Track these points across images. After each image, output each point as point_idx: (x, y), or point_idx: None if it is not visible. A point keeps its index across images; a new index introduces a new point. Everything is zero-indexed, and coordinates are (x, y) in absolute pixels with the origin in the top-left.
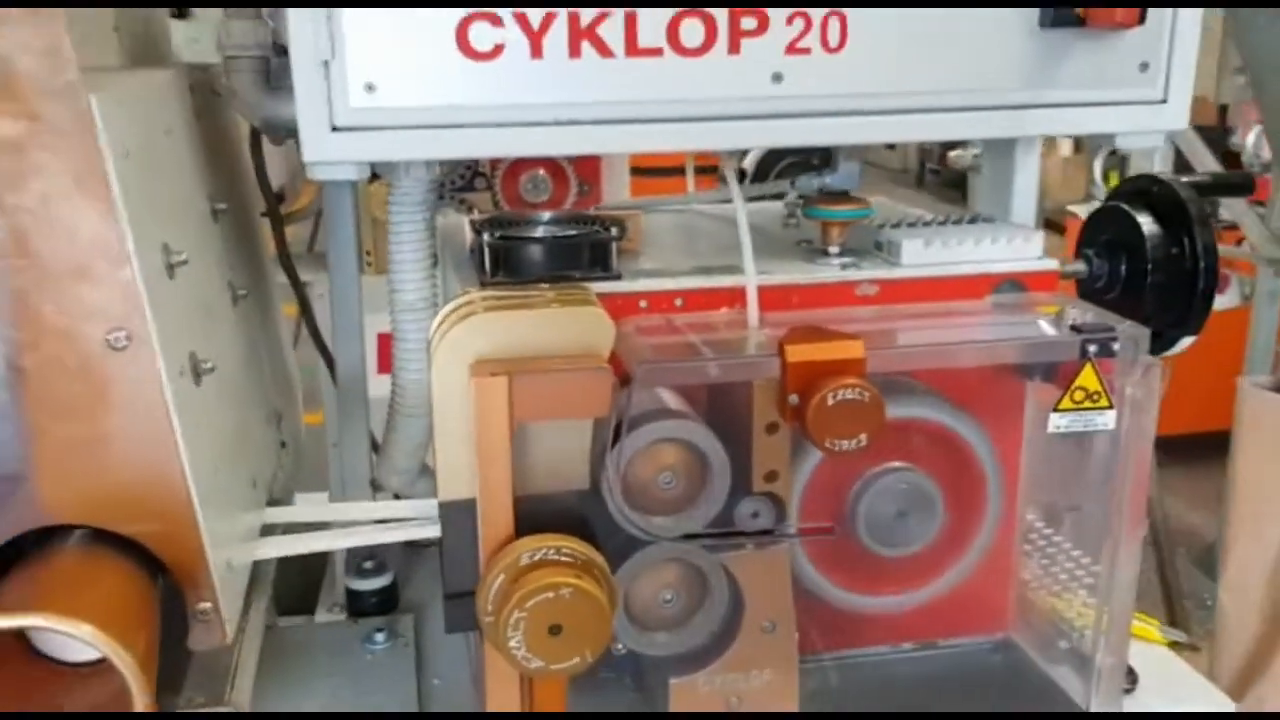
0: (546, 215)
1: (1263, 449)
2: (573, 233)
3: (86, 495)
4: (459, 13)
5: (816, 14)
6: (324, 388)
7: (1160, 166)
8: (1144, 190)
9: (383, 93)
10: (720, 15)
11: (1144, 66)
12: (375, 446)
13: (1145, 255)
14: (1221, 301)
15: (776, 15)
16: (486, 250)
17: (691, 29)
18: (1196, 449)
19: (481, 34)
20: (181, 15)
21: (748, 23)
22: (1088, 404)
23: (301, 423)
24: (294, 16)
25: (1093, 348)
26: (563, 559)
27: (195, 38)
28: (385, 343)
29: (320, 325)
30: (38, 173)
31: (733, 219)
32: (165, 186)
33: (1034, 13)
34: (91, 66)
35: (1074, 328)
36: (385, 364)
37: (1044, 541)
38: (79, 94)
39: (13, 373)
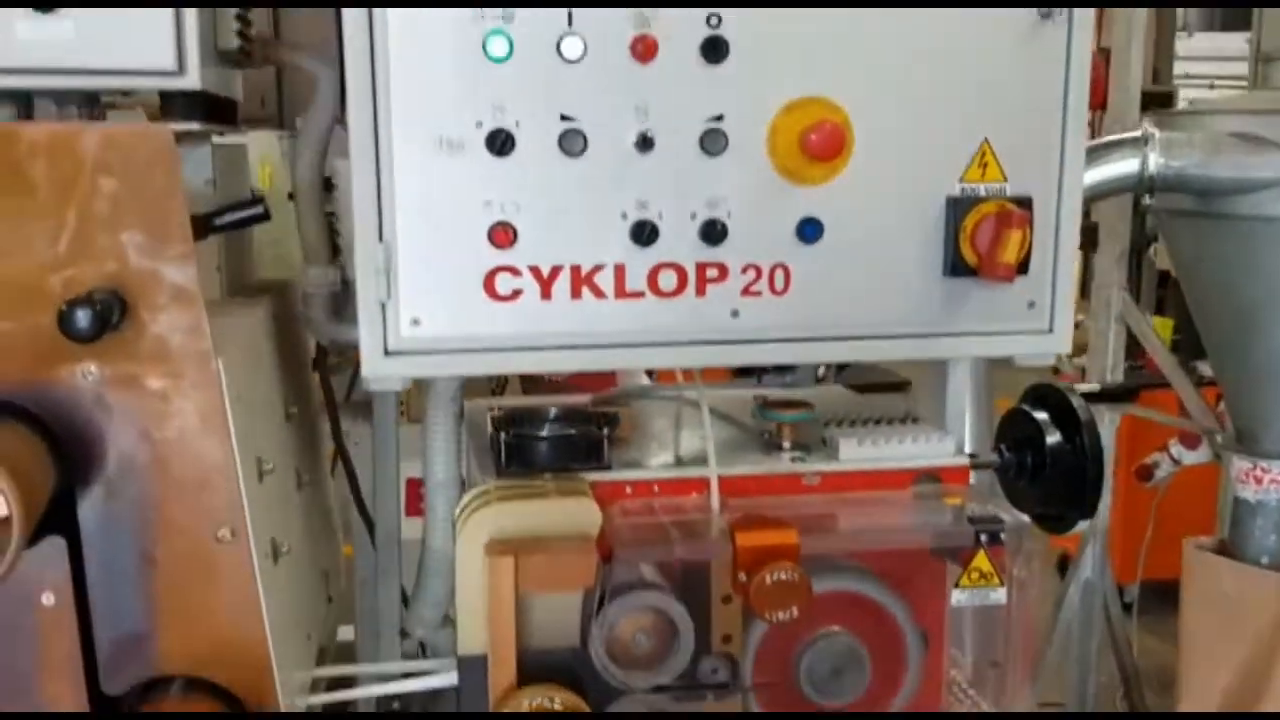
0: (553, 411)
1: (1205, 605)
2: (572, 432)
3: (193, 652)
4: (487, 264)
5: (766, 265)
6: (355, 523)
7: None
8: (1044, 397)
9: (426, 325)
10: (689, 267)
11: (1031, 304)
12: (404, 598)
13: (1044, 452)
14: (1193, 457)
15: (734, 266)
16: (502, 446)
17: (667, 277)
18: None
19: (504, 282)
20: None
21: (711, 273)
22: (982, 582)
23: (343, 575)
24: (360, 268)
25: (984, 536)
26: (556, 706)
27: None
28: (414, 487)
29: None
30: (177, 415)
31: (714, 406)
32: (260, 409)
33: (939, 263)
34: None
35: (969, 519)
36: (413, 507)
37: (965, 694)
38: (210, 359)
39: (146, 562)
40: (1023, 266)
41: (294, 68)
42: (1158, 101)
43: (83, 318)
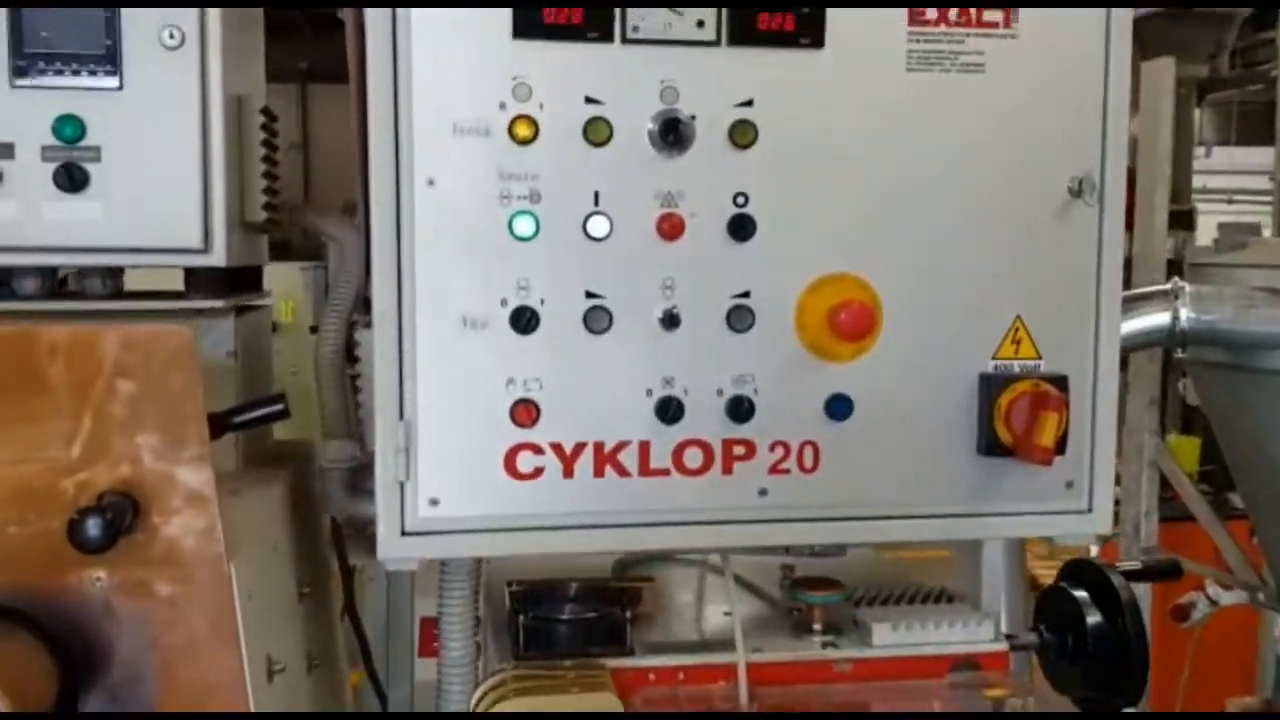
0: (574, 588)
1: None
2: (593, 614)
3: None
4: (508, 442)
5: (794, 443)
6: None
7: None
8: (1082, 574)
9: (444, 506)
10: (716, 445)
11: (1069, 484)
12: None
13: (1084, 633)
14: (1230, 598)
15: (762, 444)
16: (520, 629)
17: (693, 455)
18: None
19: (525, 460)
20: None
21: (738, 451)
22: None
23: None
24: (380, 447)
25: None
26: None
27: None
28: (428, 627)
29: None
30: (186, 621)
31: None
32: (273, 600)
33: (972, 441)
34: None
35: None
36: (426, 647)
37: None
38: (222, 562)
39: None
40: (1060, 446)
41: (319, 223)
42: (1178, 221)
43: (93, 527)
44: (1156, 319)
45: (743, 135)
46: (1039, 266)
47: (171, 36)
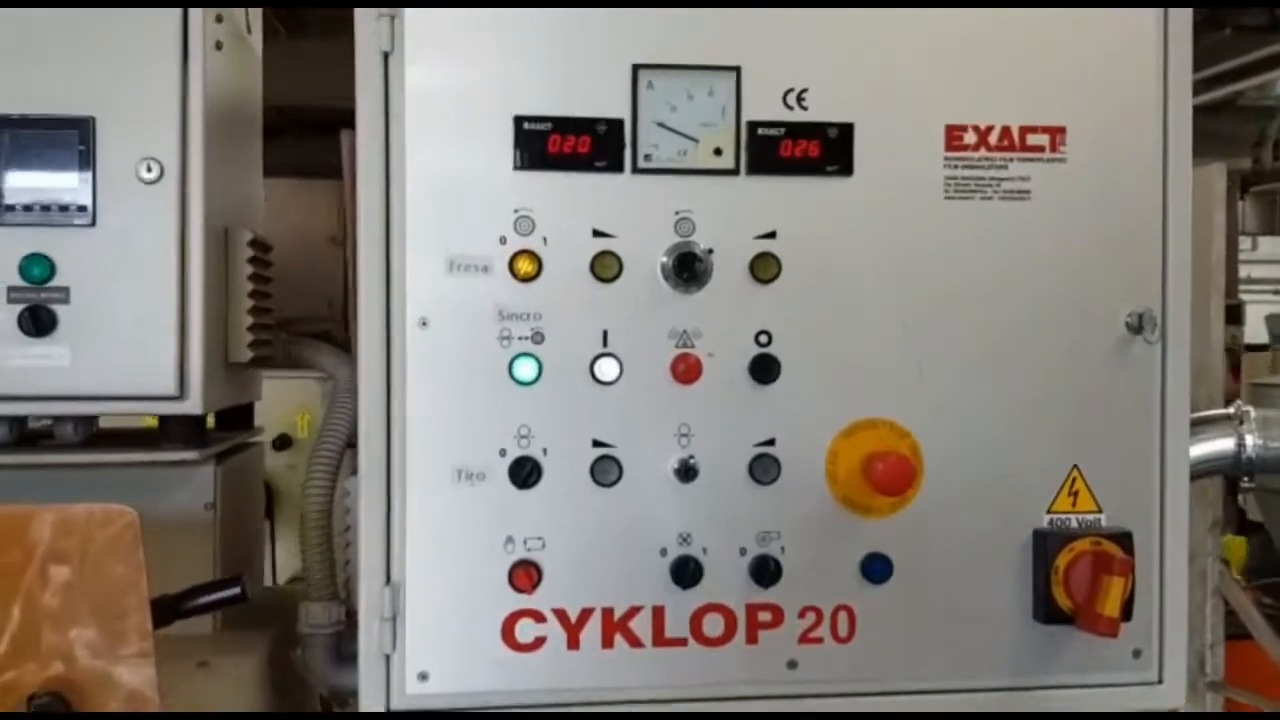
0: None
1: None
2: None
3: None
4: (506, 608)
5: (826, 608)
6: None
7: None
8: None
9: (435, 681)
10: (738, 611)
11: (1136, 654)
12: None
13: None
14: None
15: (790, 610)
16: None
17: (713, 622)
18: None
19: (525, 629)
20: None
21: (764, 617)
22: None
23: None
24: (364, 615)
25: None
26: None
27: None
28: None
29: None
30: None
31: None
32: None
33: (1027, 606)
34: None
35: None
36: None
37: None
38: None
39: None
40: (1125, 613)
41: (312, 356)
42: (1227, 315)
43: None
44: (1220, 445)
45: (765, 269)
46: (1096, 410)
47: (149, 169)
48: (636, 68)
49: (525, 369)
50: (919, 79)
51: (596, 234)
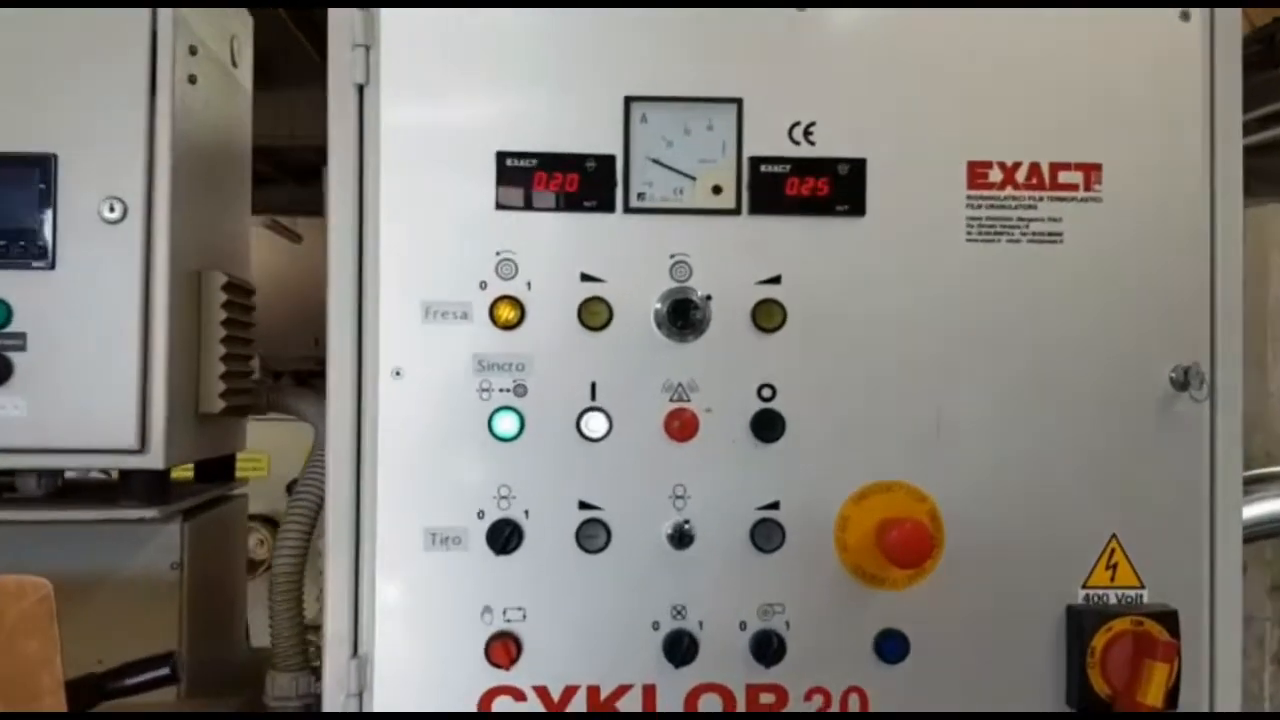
0: None
1: None
2: None
3: None
4: (483, 685)
5: (835, 690)
6: None
7: None
8: None
9: None
10: (738, 691)
11: None
12: None
13: None
14: None
15: (795, 691)
16: None
17: (710, 703)
18: None
19: (503, 708)
20: None
21: (766, 699)
22: None
23: None
24: (328, 690)
25: None
26: None
27: None
28: None
29: None
30: None
31: None
32: None
33: (1060, 690)
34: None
35: None
36: None
37: None
38: None
39: None
40: (1170, 699)
41: (293, 404)
42: None
43: None
44: (1278, 505)
45: (768, 317)
46: (1137, 473)
47: (112, 209)
48: (629, 100)
49: (506, 424)
50: (938, 111)
51: (585, 278)
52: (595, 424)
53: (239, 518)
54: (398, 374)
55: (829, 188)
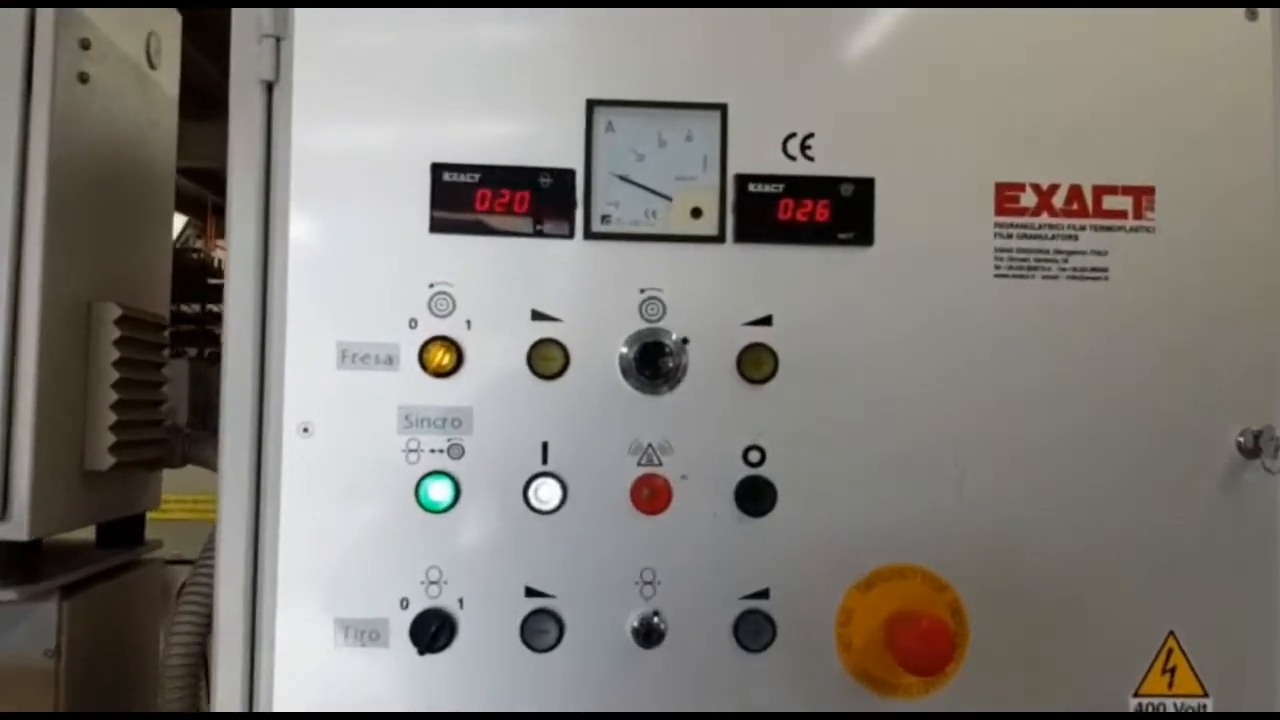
0: None
1: None
2: None
3: None
4: None
5: None
6: None
7: None
8: None
9: None
10: None
11: None
12: None
13: None
14: None
15: None
16: None
17: None
18: None
19: None
20: None
21: None
22: None
23: None
24: None
25: None
26: None
27: None
28: None
29: None
30: None
31: None
32: None
33: None
34: None
35: None
36: None
37: None
38: None
39: None
40: None
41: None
42: None
43: None
44: None
45: (756, 365)
46: (1198, 556)
47: None
48: (592, 104)
49: (438, 491)
50: (960, 121)
51: (537, 316)
52: (547, 493)
53: (148, 587)
54: (306, 431)
55: (830, 212)
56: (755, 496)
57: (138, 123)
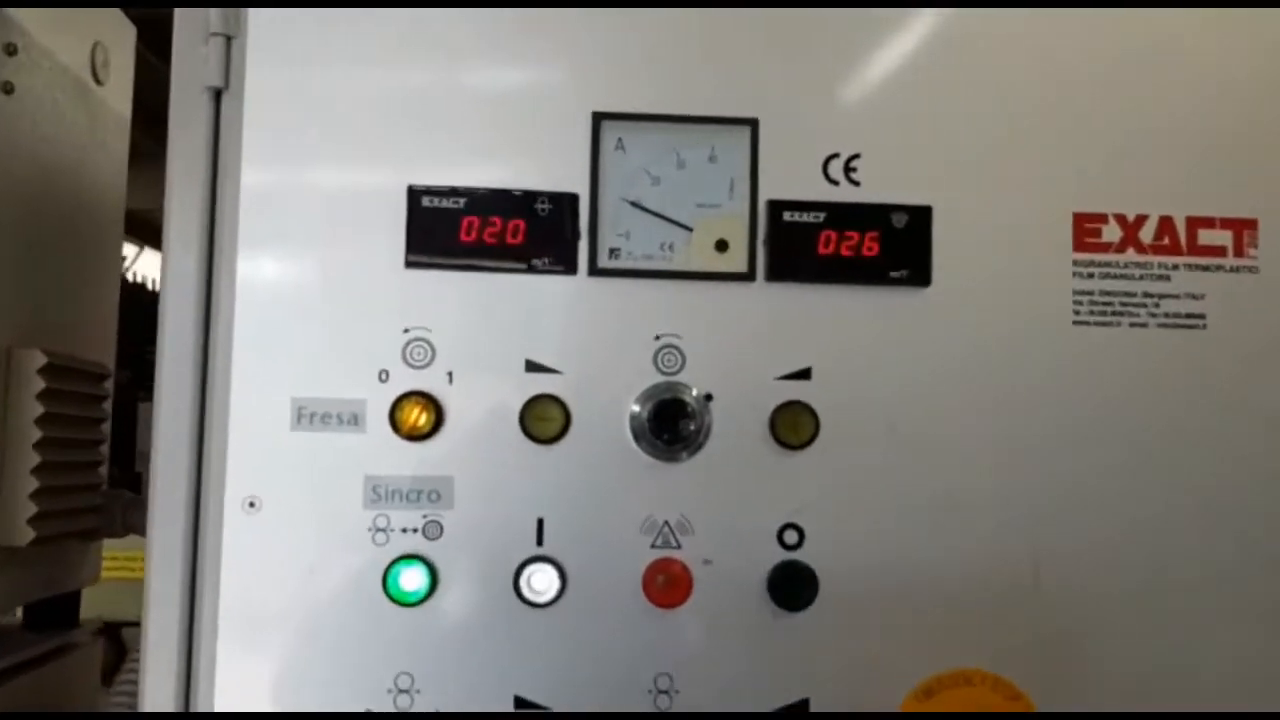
0: None
1: None
2: None
3: None
4: None
5: None
6: None
7: None
8: None
9: None
10: None
11: None
12: None
13: None
14: None
15: None
16: None
17: None
18: None
19: None
20: None
21: None
22: None
23: None
24: None
25: None
26: None
27: None
28: None
29: None
30: None
31: None
32: None
33: None
34: None
35: None
36: None
37: None
38: None
39: None
40: None
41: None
42: None
43: None
44: None
45: (794, 427)
46: None
47: None
48: (599, 117)
49: (411, 579)
50: (1032, 141)
51: (532, 368)
52: (542, 581)
53: (82, 671)
54: (252, 505)
55: (879, 246)
56: (793, 586)
57: (78, 143)
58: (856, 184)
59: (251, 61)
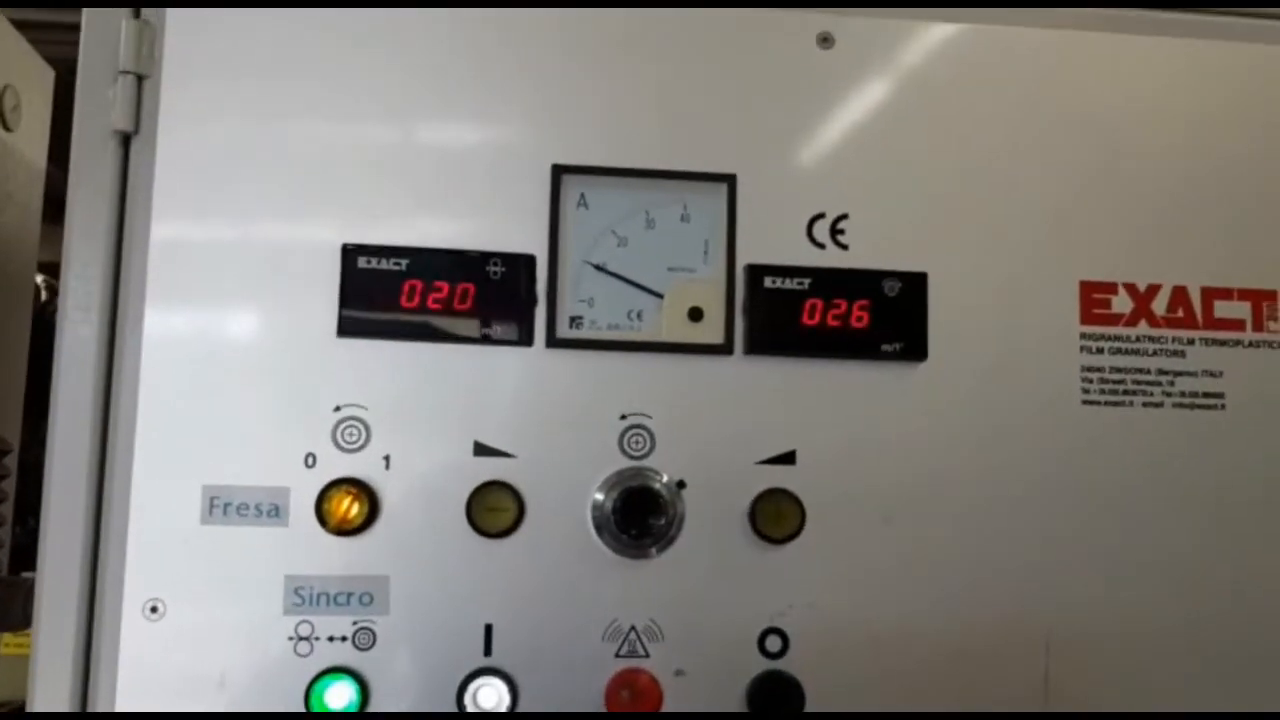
0: None
1: None
2: None
3: None
4: None
5: None
6: None
7: None
8: None
9: None
10: None
11: None
12: None
13: None
14: None
15: None
16: None
17: None
18: None
19: None
20: None
21: None
22: None
23: None
24: None
25: None
26: None
27: None
28: None
29: None
30: None
31: None
32: None
33: None
34: None
35: None
36: None
37: None
38: None
39: None
40: None
41: None
42: None
43: None
44: None
45: (775, 518)
46: None
47: None
48: (559, 170)
49: (338, 695)
50: (1035, 203)
51: (481, 451)
52: (490, 697)
53: None
54: (154, 610)
55: (870, 316)
56: (775, 700)
57: None
58: (844, 247)
59: (166, 103)
